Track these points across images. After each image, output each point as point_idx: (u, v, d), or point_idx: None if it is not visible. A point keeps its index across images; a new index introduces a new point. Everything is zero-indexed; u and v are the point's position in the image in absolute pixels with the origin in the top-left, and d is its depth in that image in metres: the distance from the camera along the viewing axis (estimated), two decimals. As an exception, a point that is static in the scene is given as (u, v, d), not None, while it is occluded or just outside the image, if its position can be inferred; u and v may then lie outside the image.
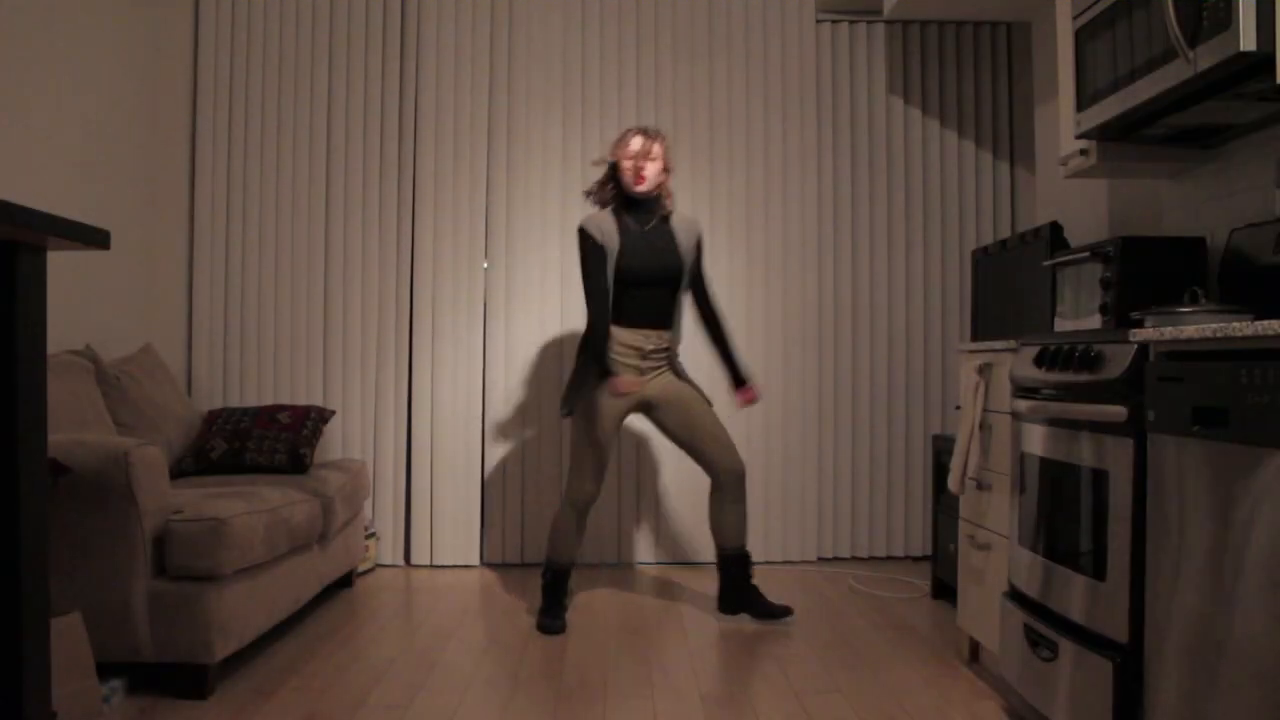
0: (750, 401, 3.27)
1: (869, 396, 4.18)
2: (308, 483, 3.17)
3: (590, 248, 3.10)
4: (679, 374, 3.23)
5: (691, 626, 3.15)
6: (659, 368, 3.19)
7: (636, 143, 3.14)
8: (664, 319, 3.18)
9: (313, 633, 3.05)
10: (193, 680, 2.41)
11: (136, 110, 3.78)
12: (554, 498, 4.08)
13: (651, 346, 3.14)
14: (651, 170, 3.13)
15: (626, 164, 3.14)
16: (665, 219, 3.21)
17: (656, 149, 3.14)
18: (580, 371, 3.14)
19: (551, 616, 3.11)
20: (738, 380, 3.28)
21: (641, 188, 3.13)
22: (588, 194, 3.26)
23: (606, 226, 3.12)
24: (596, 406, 3.09)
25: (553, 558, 3.18)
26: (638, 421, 4.10)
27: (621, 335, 3.12)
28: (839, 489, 4.18)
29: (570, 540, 3.17)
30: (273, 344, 4.07)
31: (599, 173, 4.12)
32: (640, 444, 4.11)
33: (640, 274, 3.10)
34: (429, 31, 4.10)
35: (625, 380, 3.04)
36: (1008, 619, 2.33)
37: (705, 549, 4.12)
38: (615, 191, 3.19)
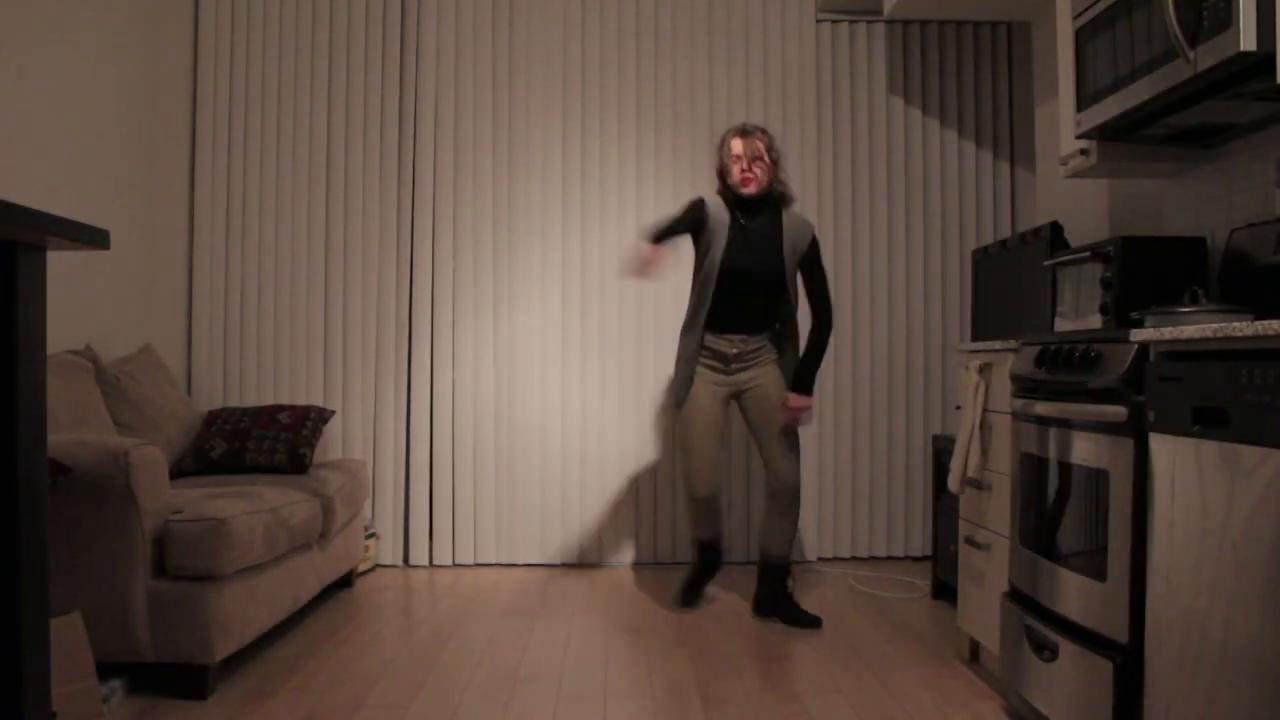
0: (794, 413, 3.15)
1: (869, 396, 4.18)
2: (308, 483, 3.17)
3: (692, 212, 3.16)
4: (779, 368, 3.25)
5: (691, 626, 3.15)
6: (748, 365, 3.22)
7: (737, 144, 3.14)
8: (756, 324, 3.20)
9: (313, 633, 3.05)
10: (193, 680, 2.41)
11: (136, 110, 3.77)
12: (553, 496, 4.08)
13: (736, 351, 3.20)
14: (759, 171, 3.14)
15: (734, 168, 3.15)
16: (778, 215, 3.21)
17: (759, 146, 3.13)
18: (681, 364, 3.23)
19: (690, 593, 3.36)
20: (793, 384, 3.18)
21: (749, 189, 3.14)
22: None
23: (722, 216, 3.15)
24: (690, 403, 3.19)
25: (696, 538, 3.33)
26: (632, 420, 4.10)
27: (707, 340, 3.20)
28: (839, 489, 4.18)
29: (703, 522, 3.29)
30: (273, 344, 4.07)
31: (600, 175, 4.13)
32: (640, 444, 4.11)
33: (737, 274, 3.13)
34: (429, 31, 4.10)
35: (643, 256, 3.05)
36: (1008, 619, 2.33)
37: (705, 549, 4.12)
38: (727, 190, 3.21)
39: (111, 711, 2.29)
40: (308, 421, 3.44)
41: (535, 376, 4.10)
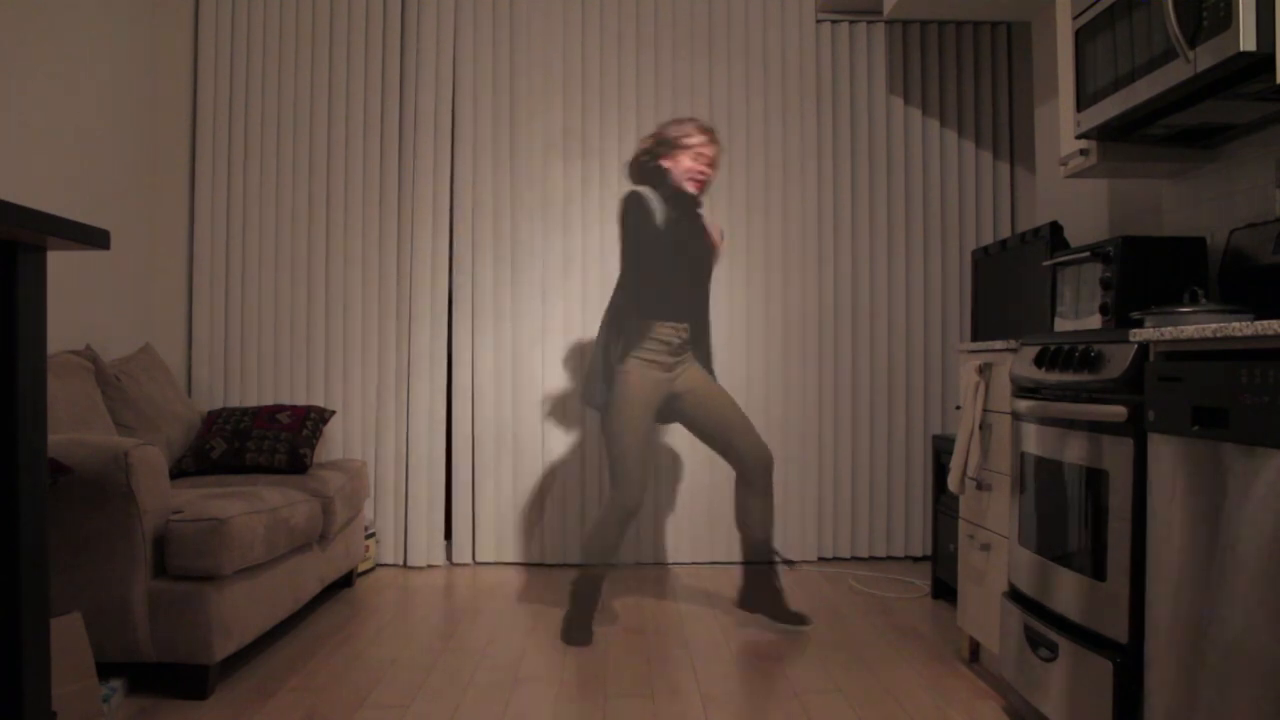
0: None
1: (869, 397, 4.18)
2: (308, 483, 3.17)
3: (642, 212, 3.00)
4: (705, 367, 3.18)
5: (691, 627, 3.15)
6: (683, 361, 3.11)
7: (702, 142, 3.06)
8: (691, 311, 3.12)
9: (313, 633, 3.05)
10: (193, 680, 2.41)
11: (136, 110, 3.77)
12: (553, 496, 4.08)
13: (679, 340, 3.07)
14: (711, 177, 3.12)
15: (689, 164, 3.07)
16: (698, 211, 3.15)
17: (716, 153, 3.10)
18: (602, 355, 3.07)
19: (578, 627, 2.98)
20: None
21: (698, 192, 3.10)
22: (632, 164, 3.16)
23: (654, 202, 3.05)
24: (626, 396, 3.00)
25: (595, 570, 3.05)
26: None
27: (652, 329, 3.04)
28: (839, 489, 4.18)
29: (615, 547, 3.04)
30: (273, 344, 4.07)
31: (601, 175, 4.13)
32: (640, 444, 4.10)
33: (675, 260, 3.05)
34: (429, 32, 4.10)
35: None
36: (1008, 619, 2.33)
37: (706, 548, 4.12)
38: (660, 176, 3.09)
39: (111, 711, 2.29)
40: (308, 421, 3.44)
41: (536, 375, 4.10)
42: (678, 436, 4.12)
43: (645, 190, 3.07)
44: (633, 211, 3.01)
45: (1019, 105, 4.22)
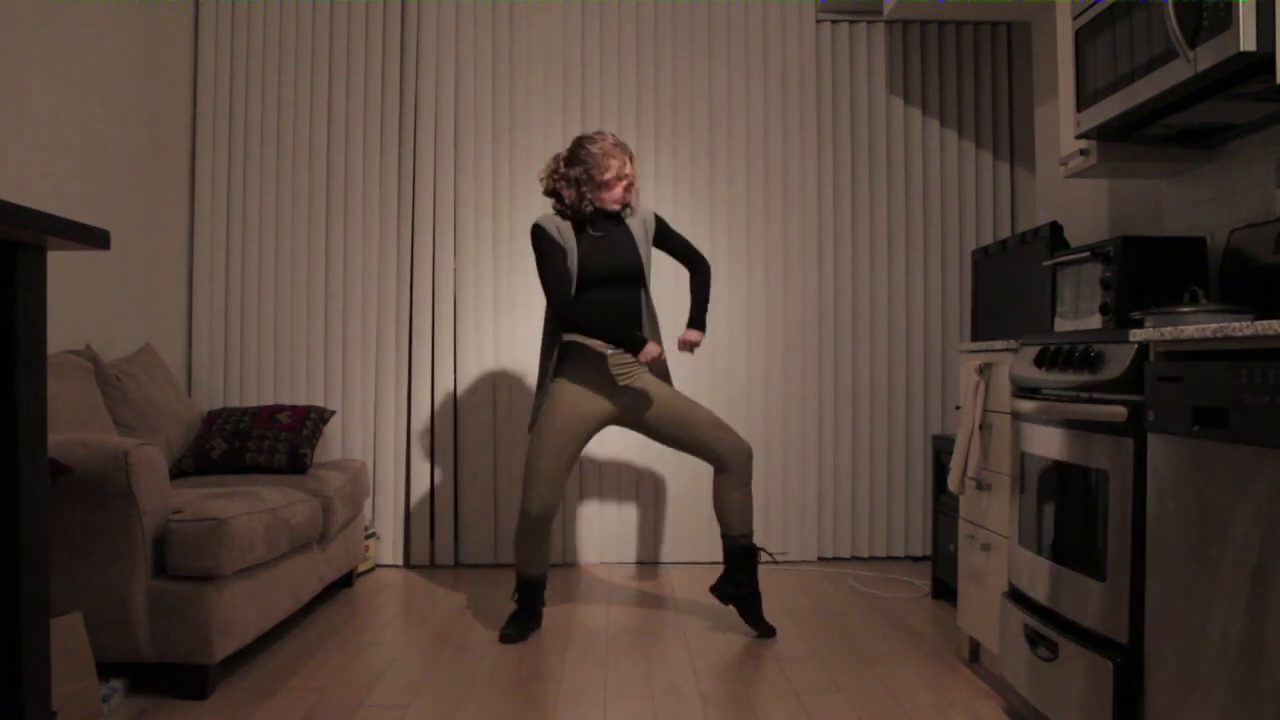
0: (686, 343, 3.09)
1: (869, 396, 4.18)
2: (308, 483, 3.17)
3: (549, 245, 2.98)
4: (656, 374, 3.12)
5: (691, 627, 3.15)
6: (627, 373, 3.05)
7: (621, 166, 3.02)
8: (629, 323, 3.06)
9: (313, 633, 3.05)
10: (193, 680, 2.41)
11: (136, 111, 3.77)
12: (554, 498, 4.08)
13: (611, 351, 3.02)
14: (629, 195, 3.07)
15: (620, 195, 3.03)
16: (621, 221, 3.11)
17: (631, 169, 3.05)
18: (542, 375, 3.04)
19: (515, 625, 2.99)
20: (690, 321, 3.15)
21: (617, 208, 3.07)
22: (553, 196, 3.08)
23: (564, 227, 3.02)
24: (556, 410, 2.97)
25: (522, 572, 3.04)
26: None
27: (579, 347, 3.01)
28: (839, 489, 4.18)
29: (536, 554, 3.02)
30: (273, 344, 4.07)
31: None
32: (640, 442, 4.10)
33: (599, 275, 3.00)
34: (429, 32, 4.10)
35: (651, 348, 2.93)
36: (1008, 619, 2.33)
37: (705, 549, 4.12)
38: (579, 202, 3.02)
39: (111, 711, 2.29)
40: (308, 421, 3.44)
41: (535, 375, 4.10)
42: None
43: (547, 220, 3.02)
44: (544, 240, 2.99)
45: (1019, 105, 4.22)
